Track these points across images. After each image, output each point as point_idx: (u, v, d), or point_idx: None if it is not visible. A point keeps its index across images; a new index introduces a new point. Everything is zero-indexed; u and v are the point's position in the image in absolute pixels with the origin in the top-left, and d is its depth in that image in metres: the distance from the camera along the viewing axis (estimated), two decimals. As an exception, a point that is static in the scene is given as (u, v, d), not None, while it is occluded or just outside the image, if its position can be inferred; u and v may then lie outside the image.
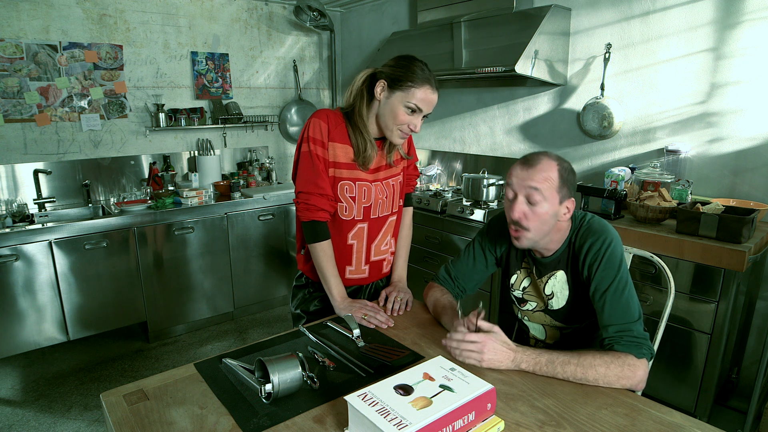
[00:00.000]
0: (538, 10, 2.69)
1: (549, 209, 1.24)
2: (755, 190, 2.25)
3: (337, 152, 1.46)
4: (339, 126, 1.47)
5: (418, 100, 1.38)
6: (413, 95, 1.38)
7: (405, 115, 1.40)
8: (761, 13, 2.13)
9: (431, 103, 1.41)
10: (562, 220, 1.28)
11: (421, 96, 1.38)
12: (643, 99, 2.55)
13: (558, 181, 1.24)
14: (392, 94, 1.40)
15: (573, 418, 1.01)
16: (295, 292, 1.71)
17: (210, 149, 3.78)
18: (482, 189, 2.86)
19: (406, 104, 1.39)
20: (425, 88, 1.38)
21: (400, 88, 1.38)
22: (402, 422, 0.84)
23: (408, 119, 1.41)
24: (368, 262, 1.62)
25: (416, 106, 1.39)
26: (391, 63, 1.43)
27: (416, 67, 1.39)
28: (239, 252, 3.46)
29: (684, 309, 2.05)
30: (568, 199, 1.27)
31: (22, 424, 2.43)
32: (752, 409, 2.04)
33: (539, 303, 1.41)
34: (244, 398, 1.08)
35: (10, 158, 3.05)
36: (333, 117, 1.47)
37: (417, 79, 1.38)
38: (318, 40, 4.32)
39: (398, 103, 1.39)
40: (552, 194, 1.23)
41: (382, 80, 1.41)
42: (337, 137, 1.46)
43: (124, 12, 3.30)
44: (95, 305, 2.93)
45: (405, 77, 1.38)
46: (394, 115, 1.40)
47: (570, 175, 1.27)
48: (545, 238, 1.30)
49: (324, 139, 1.44)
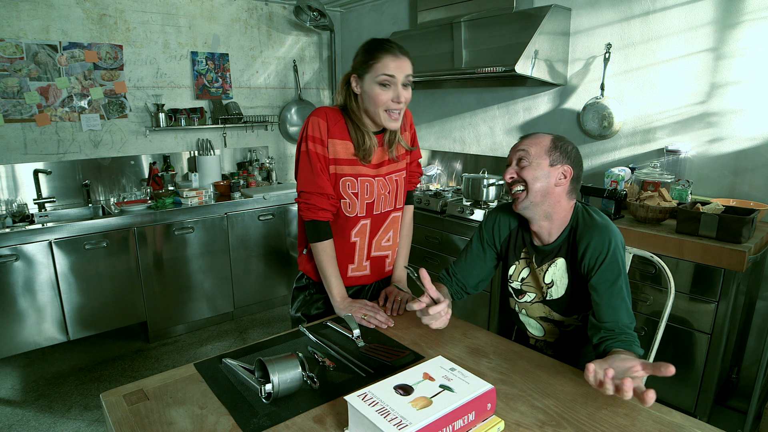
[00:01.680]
0: (538, 10, 2.69)
1: (538, 170, 1.28)
2: (755, 190, 2.25)
3: (337, 149, 1.46)
4: (338, 123, 1.46)
5: (385, 70, 1.35)
6: (377, 69, 1.36)
7: (382, 93, 1.37)
8: (761, 13, 2.13)
9: (402, 68, 1.37)
10: (559, 185, 1.29)
11: (387, 65, 1.35)
12: (643, 99, 2.55)
13: (548, 146, 1.29)
14: (363, 80, 1.40)
15: (573, 418, 1.01)
16: (295, 294, 1.68)
17: (210, 149, 3.78)
18: (482, 189, 2.86)
19: (377, 80, 1.36)
20: (385, 57, 1.36)
21: (366, 71, 1.38)
22: (402, 422, 0.84)
23: (387, 95, 1.38)
24: (369, 258, 1.61)
25: (387, 77, 1.36)
26: (354, 55, 1.44)
27: (373, 45, 1.39)
28: (239, 252, 3.46)
29: (684, 309, 2.05)
30: (562, 165, 1.29)
31: (22, 424, 2.43)
32: (752, 409, 2.04)
33: (537, 294, 1.41)
34: (244, 398, 1.08)
35: (10, 158, 3.05)
36: (332, 114, 1.47)
37: (375, 53, 1.36)
38: (318, 40, 4.32)
39: (371, 84, 1.38)
40: (540, 155, 1.28)
41: (353, 75, 1.42)
42: (336, 134, 1.45)
43: (124, 12, 3.30)
44: (95, 305, 2.93)
45: (364, 59, 1.38)
46: (373, 98, 1.39)
47: (566, 144, 1.31)
48: (541, 208, 1.31)
49: (323, 137, 1.44)
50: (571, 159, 1.30)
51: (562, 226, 1.34)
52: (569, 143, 1.32)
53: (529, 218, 1.36)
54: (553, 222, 1.33)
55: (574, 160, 1.31)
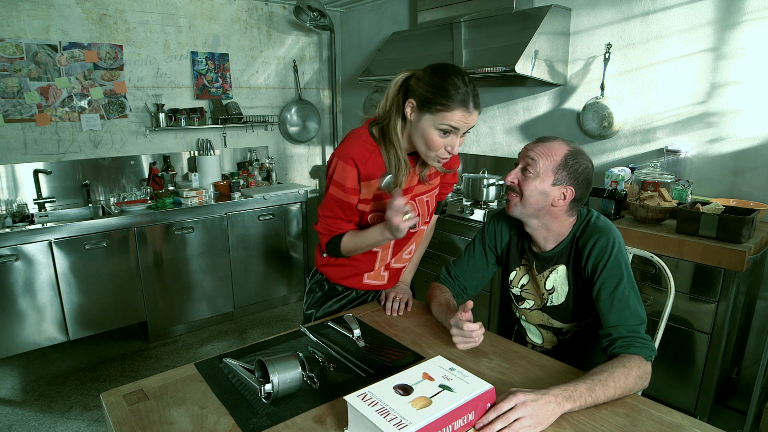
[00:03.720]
0: (538, 10, 2.69)
1: (538, 185, 1.24)
2: (755, 190, 2.25)
3: (372, 188, 1.36)
4: (370, 158, 1.33)
5: (452, 121, 1.23)
6: (444, 117, 1.22)
7: (438, 138, 1.25)
8: (761, 13, 2.13)
9: (468, 123, 1.25)
10: (556, 206, 1.26)
11: (455, 118, 1.23)
12: (643, 99, 2.55)
13: (558, 163, 1.23)
14: (422, 116, 1.25)
15: (573, 418, 1.01)
16: (312, 288, 1.63)
17: (210, 149, 3.78)
18: (482, 189, 2.86)
19: (439, 126, 1.24)
20: (459, 110, 1.22)
21: (429, 110, 1.23)
22: (402, 422, 0.84)
23: (443, 142, 1.26)
24: (388, 269, 1.59)
25: (450, 127, 1.24)
26: (425, 78, 1.26)
27: (449, 85, 1.21)
28: (239, 252, 3.46)
29: (684, 309, 2.05)
30: (565, 186, 1.24)
31: (22, 424, 2.43)
32: (752, 409, 2.04)
33: (537, 301, 1.40)
34: (244, 398, 1.08)
35: (10, 158, 3.05)
36: (361, 152, 1.33)
37: (449, 102, 1.21)
38: (318, 40, 4.32)
39: (429, 126, 1.24)
40: (547, 171, 1.23)
41: (412, 100, 1.27)
42: (371, 173, 1.33)
43: (124, 12, 3.30)
44: (95, 305, 2.93)
45: (435, 99, 1.22)
46: (426, 139, 1.26)
47: (578, 163, 1.24)
48: (536, 219, 1.30)
49: (355, 186, 1.34)
50: (577, 180, 1.24)
51: (561, 236, 1.32)
52: (583, 162, 1.24)
53: (525, 223, 1.35)
54: (549, 231, 1.32)
55: (582, 181, 1.25)
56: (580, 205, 1.31)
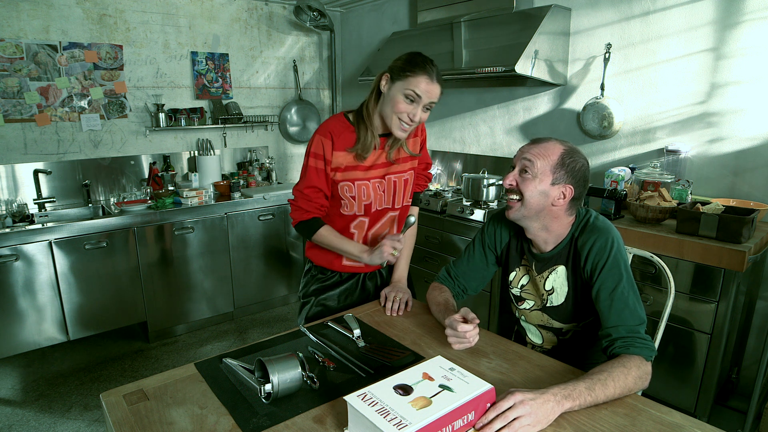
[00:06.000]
0: (538, 10, 2.69)
1: (538, 185, 1.24)
2: (755, 190, 2.25)
3: (340, 160, 1.52)
4: (343, 134, 1.52)
5: (416, 87, 1.40)
6: (410, 83, 1.40)
7: (403, 103, 1.42)
8: (761, 13, 2.13)
9: (430, 93, 1.42)
10: (556, 205, 1.26)
11: (419, 84, 1.40)
12: (643, 99, 2.55)
13: (555, 162, 1.24)
14: (393, 84, 1.43)
15: (573, 418, 1.01)
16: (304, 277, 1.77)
17: (210, 149, 3.78)
18: (482, 189, 2.86)
19: (404, 92, 1.41)
20: (423, 77, 1.40)
21: (399, 78, 1.42)
22: (402, 422, 0.84)
23: (406, 108, 1.42)
24: None
25: (414, 94, 1.40)
26: (400, 58, 1.47)
27: (417, 58, 1.42)
28: (239, 252, 3.46)
29: (684, 309, 2.05)
30: (564, 185, 1.25)
31: (22, 424, 2.43)
32: (752, 409, 2.04)
33: (537, 302, 1.40)
34: (244, 398, 1.08)
35: (10, 158, 3.05)
36: (337, 126, 1.52)
37: (415, 69, 1.40)
38: (318, 40, 4.32)
39: (397, 91, 1.42)
40: (545, 171, 1.24)
41: (387, 73, 1.46)
42: (340, 146, 1.51)
43: (124, 12, 3.30)
44: (95, 305, 2.93)
45: (404, 67, 1.41)
46: (393, 103, 1.43)
47: (575, 161, 1.25)
48: (537, 221, 1.30)
49: (328, 156, 1.51)
50: (575, 178, 1.25)
51: (560, 237, 1.32)
52: (579, 159, 1.26)
53: (524, 227, 1.35)
54: (549, 233, 1.32)
55: (579, 179, 1.26)
56: (579, 204, 1.31)
